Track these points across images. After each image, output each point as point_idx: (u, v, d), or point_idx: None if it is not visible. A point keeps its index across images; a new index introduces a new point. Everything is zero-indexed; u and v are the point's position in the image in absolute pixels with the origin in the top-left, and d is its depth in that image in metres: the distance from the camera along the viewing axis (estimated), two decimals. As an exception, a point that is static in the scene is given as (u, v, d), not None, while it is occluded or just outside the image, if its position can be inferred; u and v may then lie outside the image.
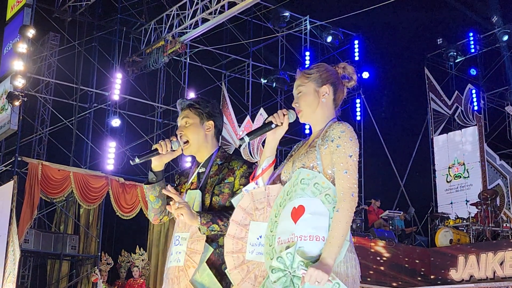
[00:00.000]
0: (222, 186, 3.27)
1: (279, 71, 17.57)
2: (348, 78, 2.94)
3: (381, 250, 13.38)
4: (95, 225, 14.68)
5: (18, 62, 13.26)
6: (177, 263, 3.20)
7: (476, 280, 12.50)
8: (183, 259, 3.18)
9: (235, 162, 3.33)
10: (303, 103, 2.88)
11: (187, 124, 3.38)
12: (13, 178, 13.03)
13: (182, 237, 3.23)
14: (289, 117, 2.88)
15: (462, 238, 13.60)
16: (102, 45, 16.23)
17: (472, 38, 18.88)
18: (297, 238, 2.62)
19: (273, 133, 2.91)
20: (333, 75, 2.91)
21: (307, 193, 2.68)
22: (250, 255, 2.89)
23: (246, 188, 2.95)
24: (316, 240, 2.60)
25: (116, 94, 15.20)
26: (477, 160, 17.09)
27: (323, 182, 2.68)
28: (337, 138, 2.71)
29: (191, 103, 3.42)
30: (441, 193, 17.68)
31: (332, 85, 2.89)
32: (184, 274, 3.15)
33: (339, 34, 18.13)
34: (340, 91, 2.93)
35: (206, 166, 3.37)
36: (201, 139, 3.37)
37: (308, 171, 2.71)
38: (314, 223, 2.62)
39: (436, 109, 18.55)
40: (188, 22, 14.47)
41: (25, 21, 13.78)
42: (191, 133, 3.36)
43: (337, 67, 2.96)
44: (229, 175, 3.29)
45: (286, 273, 2.60)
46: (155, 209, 3.39)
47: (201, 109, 3.40)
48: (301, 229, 2.63)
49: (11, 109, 13.33)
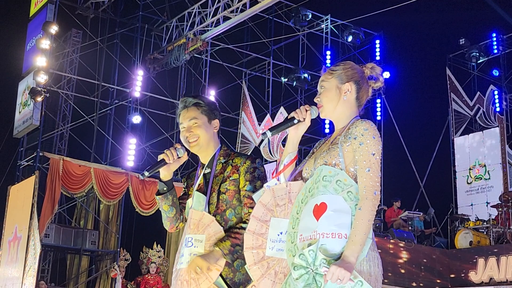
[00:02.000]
0: (227, 183, 3.25)
1: (300, 70, 17.54)
2: (375, 79, 2.94)
3: (400, 251, 13.32)
4: (115, 221, 14.77)
5: (41, 58, 13.38)
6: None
7: (496, 282, 12.39)
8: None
9: (238, 159, 3.32)
10: (325, 98, 2.88)
11: (196, 124, 3.35)
12: (35, 173, 13.17)
13: (196, 239, 3.19)
14: (312, 113, 2.87)
15: (482, 240, 13.49)
16: (124, 42, 16.33)
17: (495, 38, 18.71)
18: (319, 236, 2.60)
19: (295, 129, 2.90)
20: (358, 74, 2.90)
21: (329, 190, 2.66)
22: (270, 251, 2.88)
23: (268, 184, 2.94)
24: (338, 237, 2.58)
25: (137, 91, 15.28)
26: (498, 161, 16.94)
27: (345, 179, 2.66)
28: (360, 135, 2.70)
29: (198, 102, 3.39)
30: (461, 195, 17.55)
31: (355, 83, 2.87)
32: (204, 276, 3.12)
33: (360, 33, 18.06)
34: (364, 91, 2.91)
35: (211, 166, 3.35)
36: (210, 138, 3.37)
37: (330, 168, 2.70)
38: (336, 220, 2.61)
39: (457, 110, 18.40)
40: (209, 20, 14.50)
41: (48, 17, 13.91)
42: (201, 132, 3.34)
43: (365, 67, 2.95)
44: (233, 172, 3.27)
45: (308, 270, 2.59)
46: (170, 218, 3.37)
47: (208, 108, 3.39)
48: (323, 226, 2.61)
49: (33, 105, 13.47)
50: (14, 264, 13.17)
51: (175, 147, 3.26)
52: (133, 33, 16.25)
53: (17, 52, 15.25)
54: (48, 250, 15.29)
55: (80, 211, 15.62)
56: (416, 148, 17.93)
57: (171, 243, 14.99)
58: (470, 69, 19.33)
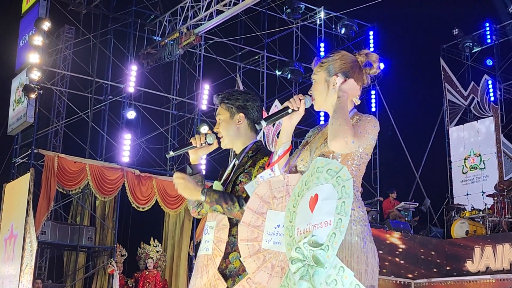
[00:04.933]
0: (242, 175, 3.31)
1: (294, 63, 17.51)
2: (370, 65, 2.92)
3: (396, 241, 13.35)
4: (111, 217, 14.75)
5: (33, 55, 13.33)
6: (206, 252, 3.24)
7: (492, 271, 12.44)
8: (211, 248, 3.21)
9: (259, 154, 3.37)
10: (315, 91, 2.90)
11: (220, 121, 3.46)
12: (30, 171, 13.13)
13: (210, 226, 3.28)
14: (306, 103, 2.87)
15: (478, 230, 13.54)
16: (117, 38, 16.27)
17: (488, 28, 18.72)
18: (312, 227, 2.60)
19: (289, 119, 2.90)
20: (348, 64, 2.88)
21: (321, 181, 2.65)
22: (267, 244, 2.88)
23: (262, 175, 2.94)
24: (325, 226, 2.56)
25: (131, 86, 15.23)
26: (493, 151, 16.98)
27: (336, 167, 2.64)
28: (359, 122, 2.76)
29: (222, 98, 3.49)
30: (457, 185, 17.60)
31: (343, 74, 2.85)
32: (212, 263, 3.18)
33: (354, 25, 18.03)
34: (357, 80, 2.89)
35: (239, 158, 3.42)
36: (233, 133, 3.43)
37: (322, 159, 2.69)
38: (325, 208, 2.59)
39: (452, 100, 18.43)
40: (202, 14, 14.47)
41: (41, 14, 13.85)
42: (223, 129, 3.44)
43: (358, 54, 2.93)
44: (250, 166, 3.33)
45: (305, 263, 2.58)
46: (192, 201, 3.45)
47: (231, 103, 3.46)
48: (315, 217, 2.60)
49: (27, 102, 13.41)
50: (11, 262, 13.15)
51: (206, 133, 3.38)
52: (126, 28, 16.19)
53: (9, 49, 15.18)
54: (45, 247, 15.27)
55: (76, 207, 15.60)
56: (411, 139, 17.96)
57: (168, 238, 14.99)
58: (464, 59, 19.34)
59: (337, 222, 2.54)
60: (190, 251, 14.68)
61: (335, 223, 2.54)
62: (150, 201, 14.24)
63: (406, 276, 13.02)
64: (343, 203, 2.56)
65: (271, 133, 14.49)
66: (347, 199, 2.56)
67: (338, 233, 2.52)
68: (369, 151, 2.80)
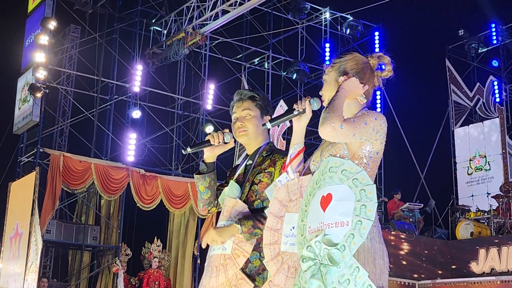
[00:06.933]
0: (261, 175, 3.32)
1: (299, 63, 17.52)
2: (381, 69, 2.91)
3: (401, 242, 13.33)
4: (116, 216, 14.78)
5: (39, 54, 13.36)
6: (223, 251, 3.22)
7: (497, 273, 12.41)
8: (231, 248, 3.20)
9: (277, 154, 3.38)
10: (325, 92, 2.88)
11: (249, 116, 3.44)
12: (35, 169, 13.16)
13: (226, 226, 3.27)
14: (312, 104, 2.87)
15: (483, 231, 13.51)
16: (123, 37, 16.30)
17: (494, 29, 18.68)
18: (325, 226, 2.60)
19: (297, 121, 2.93)
20: (359, 66, 2.87)
21: (335, 181, 2.65)
22: (284, 246, 2.91)
23: (280, 179, 2.97)
24: (341, 226, 2.57)
25: (136, 86, 15.25)
26: (498, 152, 16.94)
27: (351, 168, 2.66)
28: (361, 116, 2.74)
29: (253, 95, 3.49)
30: (462, 186, 17.56)
31: (355, 75, 2.84)
32: (232, 263, 3.17)
33: (359, 25, 18.03)
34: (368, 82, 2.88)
35: (253, 158, 3.43)
36: (257, 132, 3.44)
37: (336, 159, 2.70)
38: (340, 209, 2.59)
39: (457, 101, 18.39)
40: (208, 13, 14.48)
41: (47, 13, 13.88)
42: (251, 125, 3.43)
43: (371, 57, 2.92)
44: (270, 166, 3.34)
45: (316, 261, 2.59)
46: (204, 199, 3.45)
47: (262, 103, 3.48)
48: (329, 217, 2.60)
49: (33, 101, 13.45)
50: (16, 261, 13.19)
51: (223, 131, 3.36)
52: (132, 28, 16.22)
53: (15, 48, 15.23)
54: (50, 246, 15.31)
55: (81, 206, 15.63)
56: (416, 140, 17.93)
57: (173, 237, 15.00)
58: (470, 60, 19.31)
59: (355, 224, 2.56)
60: (194, 251, 14.70)
61: (354, 224, 2.55)
62: (155, 201, 14.25)
63: (411, 277, 13.00)
64: (364, 206, 2.58)
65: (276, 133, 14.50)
66: (369, 203, 2.59)
67: (358, 235, 2.54)
68: (379, 149, 2.76)
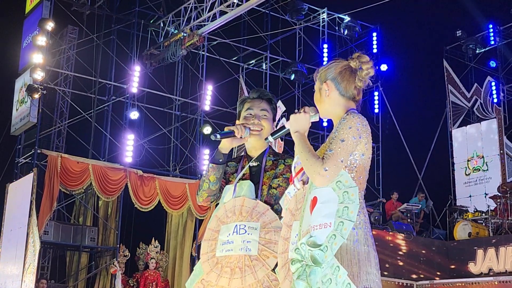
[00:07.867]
0: (280, 180, 3.36)
1: (297, 64, 17.52)
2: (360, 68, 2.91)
3: (399, 243, 13.34)
4: (114, 217, 14.77)
5: (37, 55, 13.35)
6: (246, 252, 3.19)
7: (495, 273, 12.42)
8: (256, 248, 3.18)
9: (290, 160, 3.41)
10: (315, 101, 3.00)
11: (266, 116, 3.46)
12: (33, 171, 13.14)
13: (250, 226, 3.22)
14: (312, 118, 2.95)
15: (481, 231, 13.52)
16: (120, 38, 16.30)
17: (491, 30, 18.70)
18: (311, 228, 2.68)
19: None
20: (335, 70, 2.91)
21: None
22: (291, 253, 2.93)
23: (289, 191, 3.03)
24: (324, 227, 2.65)
25: (134, 87, 15.24)
26: (496, 153, 16.96)
27: None
28: (338, 127, 2.75)
29: (271, 99, 3.53)
30: (459, 186, 17.57)
31: (332, 80, 2.90)
32: (261, 264, 3.16)
33: (357, 26, 18.05)
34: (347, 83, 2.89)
35: (260, 161, 3.44)
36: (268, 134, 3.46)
37: None
38: (324, 211, 2.68)
39: (455, 102, 18.41)
40: (206, 14, 14.48)
41: (44, 14, 13.87)
42: (267, 125, 3.45)
43: (351, 59, 2.94)
44: (287, 171, 3.37)
45: (303, 263, 2.67)
46: (212, 190, 3.40)
47: (274, 109, 3.53)
48: (314, 219, 2.69)
49: (30, 102, 13.43)
50: (14, 262, 13.17)
51: (245, 126, 3.36)
52: (130, 29, 16.21)
53: (13, 49, 15.21)
54: (48, 247, 15.28)
55: (79, 208, 15.62)
56: (414, 141, 17.95)
57: (170, 238, 15.00)
58: (467, 61, 19.32)
59: (337, 225, 2.62)
60: (192, 252, 14.69)
61: (336, 225, 2.62)
62: (152, 202, 14.24)
63: (409, 278, 13.01)
64: (346, 207, 2.64)
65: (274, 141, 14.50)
66: (351, 205, 2.64)
67: (339, 236, 2.60)
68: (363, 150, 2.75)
